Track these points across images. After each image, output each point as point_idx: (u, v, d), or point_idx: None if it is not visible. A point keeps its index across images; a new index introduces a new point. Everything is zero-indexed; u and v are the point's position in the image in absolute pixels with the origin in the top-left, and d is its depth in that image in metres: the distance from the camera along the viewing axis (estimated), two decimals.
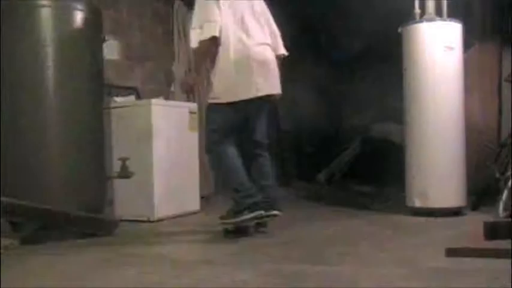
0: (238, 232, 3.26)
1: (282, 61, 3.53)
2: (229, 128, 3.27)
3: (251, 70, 3.21)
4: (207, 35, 3.14)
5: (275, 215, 3.33)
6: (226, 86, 3.22)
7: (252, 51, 3.23)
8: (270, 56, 3.34)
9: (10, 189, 3.11)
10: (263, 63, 3.27)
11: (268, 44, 3.37)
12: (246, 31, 3.25)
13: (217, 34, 3.14)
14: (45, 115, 3.26)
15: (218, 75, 3.24)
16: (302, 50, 5.68)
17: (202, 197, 4.69)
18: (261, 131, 3.40)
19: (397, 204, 4.16)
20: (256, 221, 3.24)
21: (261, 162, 3.40)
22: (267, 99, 3.33)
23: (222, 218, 3.28)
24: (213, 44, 3.17)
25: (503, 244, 2.52)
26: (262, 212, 3.20)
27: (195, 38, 3.19)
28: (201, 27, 3.17)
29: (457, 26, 4.01)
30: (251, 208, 3.16)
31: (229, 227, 3.29)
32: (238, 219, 3.18)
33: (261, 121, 3.40)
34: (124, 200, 3.98)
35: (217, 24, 3.15)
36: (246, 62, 3.21)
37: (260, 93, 3.23)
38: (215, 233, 3.52)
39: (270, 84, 3.30)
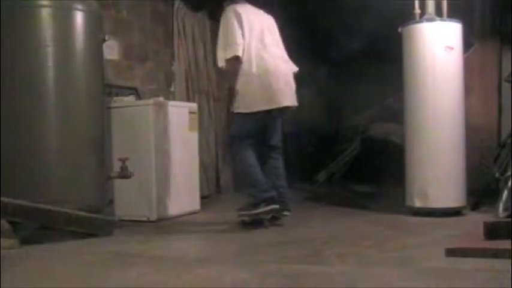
0: (254, 224, 3.56)
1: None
2: (249, 134, 3.60)
3: (270, 84, 3.54)
4: (231, 54, 3.52)
5: (286, 215, 3.69)
6: (249, 98, 3.55)
7: (271, 66, 3.58)
8: (287, 70, 3.69)
9: (10, 189, 3.11)
10: (281, 77, 3.59)
11: (285, 59, 3.73)
12: (265, 47, 3.61)
13: (240, 54, 3.51)
14: (45, 115, 3.26)
15: (241, 88, 3.57)
16: (302, 50, 5.67)
17: (202, 197, 4.69)
18: (277, 137, 3.81)
19: (397, 204, 4.16)
20: (271, 214, 3.56)
21: (275, 164, 3.78)
22: (284, 110, 3.65)
23: (239, 210, 3.61)
24: (237, 62, 3.54)
25: (503, 244, 2.52)
26: (277, 206, 3.54)
27: (221, 58, 3.59)
28: (225, 49, 3.56)
29: (457, 26, 4.02)
30: (266, 202, 3.50)
31: (246, 219, 3.59)
32: (254, 212, 3.51)
33: (277, 129, 3.80)
34: (124, 200, 3.98)
35: (240, 46, 3.52)
36: (266, 76, 3.54)
37: (278, 105, 3.57)
38: (215, 233, 3.54)
39: (288, 97, 3.62)
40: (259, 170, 3.59)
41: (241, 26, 3.54)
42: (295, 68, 3.79)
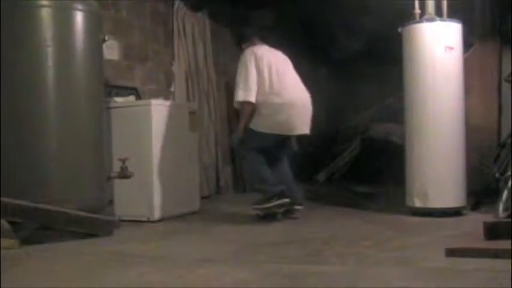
0: (268, 217, 3.84)
1: None
2: (263, 149, 3.92)
3: (292, 113, 3.87)
4: (245, 99, 3.87)
5: (297, 209, 3.97)
6: (271, 121, 3.87)
7: (293, 96, 3.91)
8: (306, 101, 4.03)
9: (10, 189, 3.11)
10: (301, 107, 3.95)
11: (304, 91, 4.04)
12: (285, 80, 3.93)
13: (253, 100, 3.86)
14: (45, 115, 3.26)
15: (265, 113, 3.87)
16: (302, 50, 5.67)
17: (202, 197, 4.69)
18: (285, 153, 4.15)
19: (397, 204, 4.16)
20: (283, 208, 3.83)
21: (281, 164, 4.10)
22: (300, 135, 4.04)
23: (253, 204, 3.89)
24: (250, 106, 3.87)
25: (503, 244, 2.52)
26: (288, 200, 3.80)
27: (236, 100, 3.93)
28: (241, 92, 3.89)
29: (457, 26, 4.01)
30: (278, 196, 3.78)
31: (260, 213, 3.88)
32: (267, 205, 3.80)
33: (288, 148, 4.14)
34: (124, 200, 3.98)
35: (254, 92, 3.86)
36: (288, 106, 3.86)
37: (297, 132, 3.98)
38: (215, 233, 3.54)
39: (305, 124, 3.99)
40: (267, 168, 3.89)
41: (259, 68, 3.86)
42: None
